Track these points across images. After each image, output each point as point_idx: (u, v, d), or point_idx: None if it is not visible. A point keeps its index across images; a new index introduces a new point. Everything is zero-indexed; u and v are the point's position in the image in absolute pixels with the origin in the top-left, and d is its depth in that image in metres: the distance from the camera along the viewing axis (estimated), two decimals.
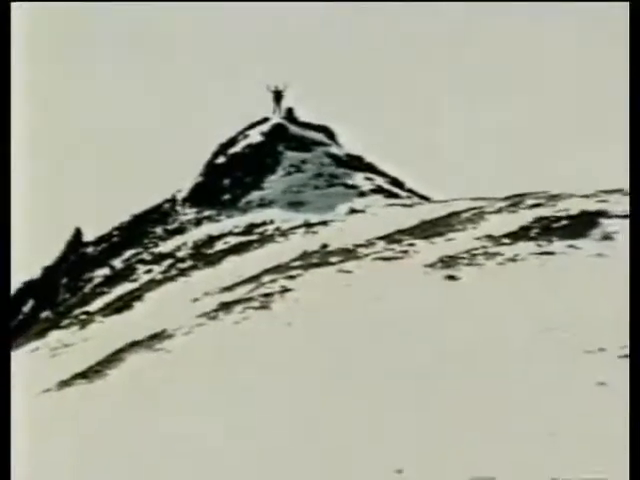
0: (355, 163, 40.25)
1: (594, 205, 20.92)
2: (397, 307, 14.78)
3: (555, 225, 19.37)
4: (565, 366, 10.68)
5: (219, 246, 31.57)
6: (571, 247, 17.74)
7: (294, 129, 42.00)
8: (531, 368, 10.75)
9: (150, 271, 31.09)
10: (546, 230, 19.11)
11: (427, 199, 37.73)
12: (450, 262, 17.41)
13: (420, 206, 32.04)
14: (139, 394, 12.44)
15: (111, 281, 32.34)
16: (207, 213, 37.09)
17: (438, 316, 13.85)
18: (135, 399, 12.22)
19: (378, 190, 37.07)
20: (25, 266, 34.98)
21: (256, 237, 31.49)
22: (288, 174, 38.59)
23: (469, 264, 17.15)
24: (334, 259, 20.04)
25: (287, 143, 40.84)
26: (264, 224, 33.79)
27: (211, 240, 33.22)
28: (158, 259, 32.83)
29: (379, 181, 38.40)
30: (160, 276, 28.59)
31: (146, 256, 34.12)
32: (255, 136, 41.77)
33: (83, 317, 24.89)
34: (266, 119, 42.94)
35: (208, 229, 35.02)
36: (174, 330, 16.25)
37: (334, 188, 37.20)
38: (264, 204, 36.31)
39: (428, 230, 21.85)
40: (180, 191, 40.37)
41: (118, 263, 35.18)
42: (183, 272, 26.95)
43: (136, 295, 24.68)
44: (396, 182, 39.73)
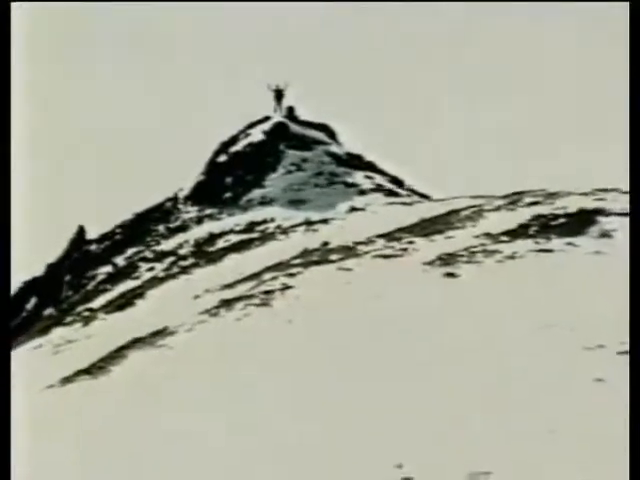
0: (355, 162, 40.24)
1: (592, 203, 20.91)
2: (397, 304, 14.75)
3: (553, 223, 19.35)
4: (564, 363, 10.65)
5: (220, 244, 31.56)
6: (569, 245, 17.71)
7: (295, 128, 41.98)
8: (530, 365, 10.73)
9: (152, 269, 31.08)
10: (544, 228, 19.08)
11: (427, 197, 37.72)
12: (449, 260, 17.39)
13: (420, 204, 32.01)
14: (142, 390, 12.42)
15: (114, 278, 32.33)
16: (209, 211, 37.08)
17: (437, 313, 13.82)
18: (138, 395, 12.20)
19: (378, 188, 37.06)
20: (25, 266, 34.91)
21: (257, 235, 31.47)
22: (289, 172, 38.57)
23: (468, 262, 17.13)
24: (334, 257, 20.02)
25: (288, 142, 40.81)
26: (265, 222, 33.77)
27: (212, 238, 33.20)
28: (160, 257, 32.81)
29: (379, 180, 38.40)
30: (162, 274, 28.57)
31: (148, 254, 34.11)
32: (256, 135, 41.76)
33: (86, 314, 24.86)
34: (267, 118, 42.92)
35: (209, 227, 35.01)
36: (176, 327, 16.23)
37: (334, 186, 37.19)
38: (265, 202, 36.30)
39: (427, 228, 21.82)
40: (182, 189, 40.36)
41: (121, 261, 35.18)
42: (185, 270, 26.93)
43: (138, 292, 24.67)
44: (396, 181, 39.72)
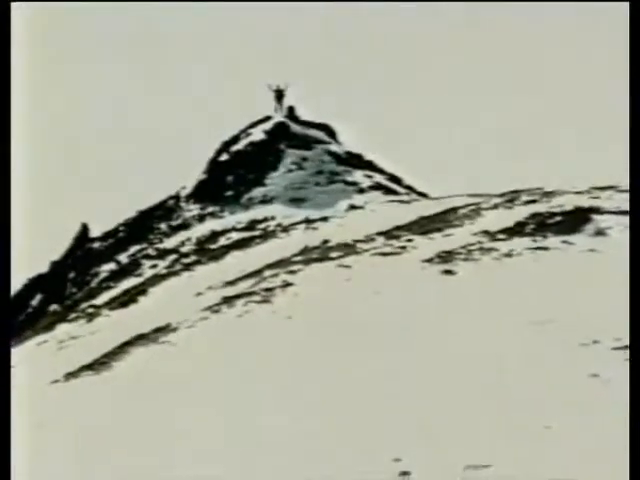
0: (355, 161, 40.23)
1: (587, 201, 20.96)
2: (395, 301, 14.79)
3: (550, 221, 19.38)
4: (560, 358, 10.69)
5: (222, 241, 31.59)
6: (565, 242, 17.75)
7: (295, 127, 41.96)
8: (526, 360, 10.76)
9: (155, 266, 31.11)
10: (541, 226, 19.11)
11: (425, 196, 37.71)
12: (447, 257, 17.43)
13: (418, 202, 32.03)
14: (144, 385, 12.46)
15: (117, 276, 32.35)
16: (210, 209, 37.08)
17: (435, 310, 13.86)
18: (140, 390, 12.24)
19: (377, 187, 37.06)
20: (25, 266, 34.83)
21: (258, 233, 31.50)
22: (289, 171, 38.57)
23: (466, 259, 17.17)
24: (334, 254, 20.05)
25: (288, 141, 40.79)
26: (266, 220, 33.80)
27: (214, 236, 33.23)
28: (163, 254, 32.84)
29: (378, 178, 38.39)
30: (165, 271, 28.60)
31: (151, 251, 34.13)
32: (257, 134, 41.73)
33: (90, 311, 24.90)
34: (268, 117, 42.91)
35: (211, 225, 35.03)
36: (178, 323, 16.27)
37: (334, 185, 37.19)
38: (266, 201, 36.30)
39: (426, 226, 21.86)
40: (184, 188, 40.36)
41: (124, 258, 35.19)
42: (187, 267, 26.96)
43: (141, 289, 24.70)
44: (395, 179, 39.72)
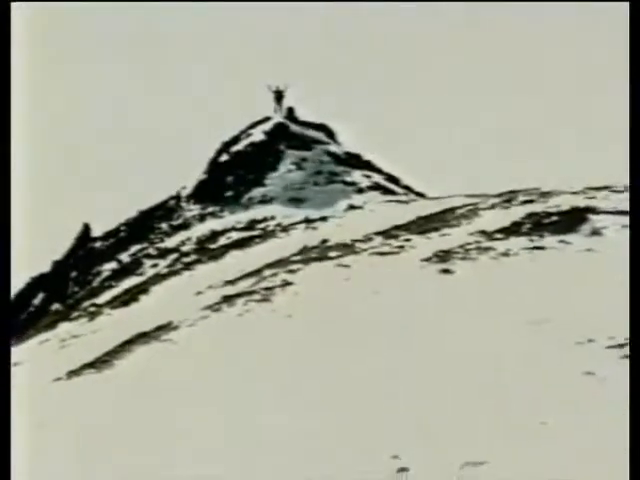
0: (353, 161, 40.23)
1: (583, 202, 20.98)
2: (394, 300, 14.80)
3: (546, 221, 19.39)
4: (556, 357, 10.71)
5: (222, 241, 31.58)
6: (562, 242, 17.76)
7: (295, 128, 41.94)
8: (523, 358, 10.78)
9: (156, 265, 31.11)
10: (538, 226, 19.12)
11: (423, 196, 37.71)
12: (445, 256, 17.44)
13: (416, 203, 32.04)
14: (146, 383, 12.47)
15: (118, 275, 32.34)
16: (211, 209, 37.07)
17: (433, 309, 13.87)
18: (142, 388, 12.24)
19: (375, 187, 37.06)
20: (25, 266, 34.72)
21: (258, 232, 31.50)
22: (289, 171, 38.56)
23: (463, 258, 17.18)
24: (333, 254, 20.06)
25: (288, 142, 40.77)
26: (266, 220, 33.80)
27: (214, 235, 33.22)
28: (163, 254, 32.83)
29: (377, 178, 38.40)
30: (165, 270, 28.60)
31: (152, 251, 34.12)
32: (257, 135, 41.72)
33: (92, 309, 24.90)
34: (268, 118, 42.91)
35: (212, 225, 35.01)
36: (179, 322, 16.28)
37: (333, 185, 37.19)
38: (266, 201, 36.29)
39: (424, 226, 21.86)
40: (185, 188, 40.35)
41: (125, 257, 35.18)
42: (188, 266, 26.96)
43: (142, 288, 24.70)
44: (393, 179, 39.72)
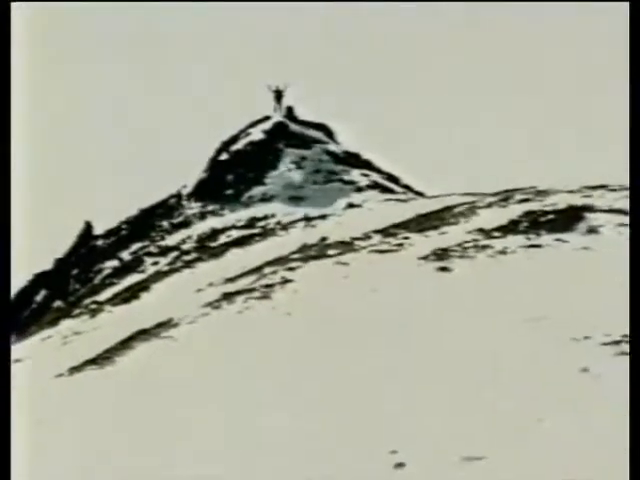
0: (352, 160, 40.27)
1: (580, 200, 21.01)
2: (392, 298, 14.81)
3: (543, 219, 19.41)
4: (552, 353, 10.72)
5: (222, 239, 31.62)
6: (558, 240, 17.78)
7: (294, 127, 42.01)
8: (520, 355, 10.79)
9: (157, 263, 31.15)
10: (534, 224, 19.14)
11: (421, 195, 37.76)
12: (443, 255, 17.44)
13: (414, 201, 32.07)
14: (147, 380, 12.48)
15: (120, 272, 32.39)
16: (211, 207, 37.12)
17: (431, 306, 13.88)
18: (143, 384, 12.26)
19: (374, 186, 37.12)
20: (25, 266, 34.70)
21: (258, 230, 31.53)
22: (288, 170, 38.61)
23: (461, 256, 17.18)
24: (332, 252, 20.06)
25: (287, 141, 40.84)
26: (265, 218, 33.84)
27: (215, 233, 33.27)
28: (164, 251, 32.87)
29: (375, 177, 38.45)
30: (166, 268, 28.62)
31: (153, 249, 34.16)
32: (257, 134, 41.78)
33: (93, 307, 24.91)
34: (267, 117, 42.94)
35: (212, 223, 35.07)
36: (180, 319, 16.29)
37: (332, 184, 37.25)
38: (265, 199, 36.35)
39: (422, 224, 21.87)
40: (185, 186, 40.39)
41: (126, 255, 35.22)
42: (188, 264, 26.98)
43: (143, 286, 24.71)
44: (392, 178, 39.77)
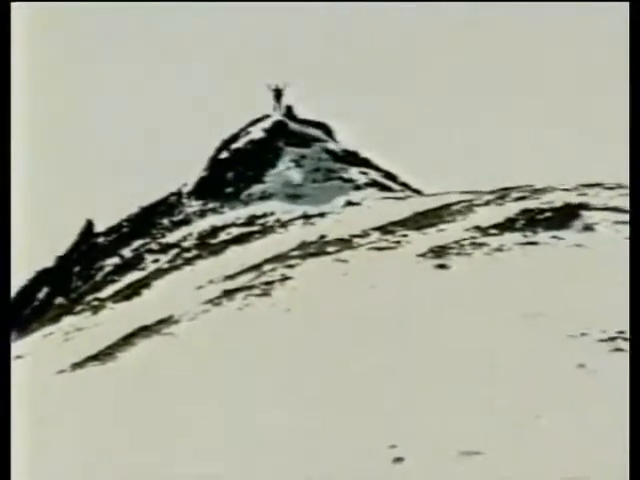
0: (351, 158, 40.28)
1: (576, 198, 21.04)
2: (390, 294, 14.82)
3: (540, 217, 19.43)
4: (549, 350, 10.73)
5: (222, 236, 31.62)
6: (554, 238, 17.80)
7: (293, 126, 42.00)
8: (517, 352, 10.81)
9: (157, 260, 31.14)
10: (531, 222, 19.16)
11: (419, 192, 37.77)
12: (440, 252, 17.46)
13: (412, 199, 32.08)
14: (148, 375, 12.49)
15: (121, 270, 32.40)
16: (211, 205, 37.12)
17: (429, 303, 13.89)
18: (144, 380, 12.27)
19: (373, 184, 37.13)
20: (25, 266, 34.63)
21: (257, 228, 31.53)
22: (288, 168, 38.61)
23: (458, 254, 17.20)
24: (331, 249, 20.08)
25: (287, 139, 40.83)
26: (265, 216, 33.84)
27: (215, 231, 33.26)
28: (165, 249, 32.87)
29: (374, 175, 38.46)
30: (167, 265, 28.62)
31: (154, 246, 34.16)
32: (256, 132, 41.77)
33: (95, 303, 24.93)
34: (267, 116, 42.94)
35: (212, 220, 35.07)
36: (180, 316, 16.31)
37: (331, 182, 37.25)
38: (265, 197, 36.35)
39: (420, 222, 21.89)
40: (186, 184, 40.39)
41: (127, 253, 35.23)
42: (188, 261, 26.99)
43: (144, 283, 24.72)
44: (390, 176, 39.78)
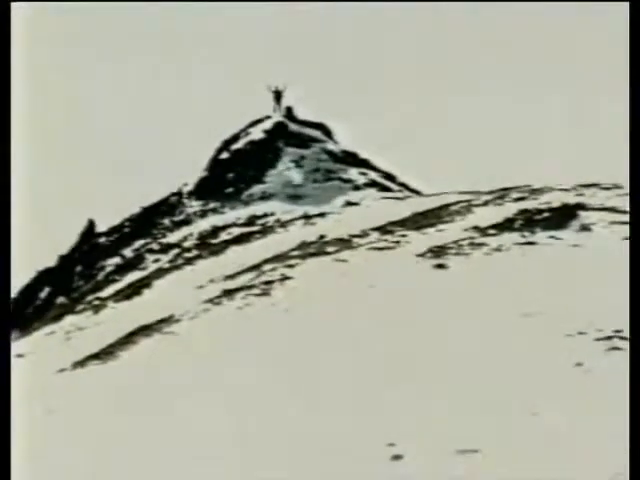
0: (350, 159, 40.28)
1: (573, 198, 21.06)
2: (390, 294, 14.82)
3: (538, 217, 19.43)
4: (547, 348, 10.73)
5: (223, 236, 31.61)
6: (552, 238, 17.80)
7: (293, 127, 41.98)
8: (515, 350, 10.80)
9: (158, 260, 31.14)
10: (529, 222, 19.16)
11: (418, 193, 37.76)
12: (439, 252, 17.45)
13: (411, 199, 32.09)
14: (148, 374, 12.48)
15: (122, 269, 32.39)
16: (212, 205, 37.10)
17: (428, 302, 13.89)
18: (144, 378, 12.26)
19: (372, 184, 37.13)
20: (25, 266, 34.56)
21: (258, 228, 31.53)
22: (288, 169, 38.61)
23: (457, 254, 17.20)
24: (331, 249, 20.07)
25: (287, 140, 40.82)
26: (265, 216, 33.85)
27: (215, 231, 33.26)
28: (166, 249, 32.86)
29: (373, 176, 38.46)
30: (168, 265, 28.62)
31: (155, 246, 34.16)
32: (257, 133, 41.75)
33: (96, 303, 24.92)
34: (267, 117, 42.94)
35: (213, 220, 35.07)
36: (181, 315, 16.30)
37: (331, 182, 37.25)
38: (265, 197, 36.35)
39: (419, 222, 21.89)
40: (186, 185, 40.38)
41: (128, 252, 35.22)
42: (189, 261, 26.98)
43: (145, 282, 24.71)
44: (389, 177, 39.78)
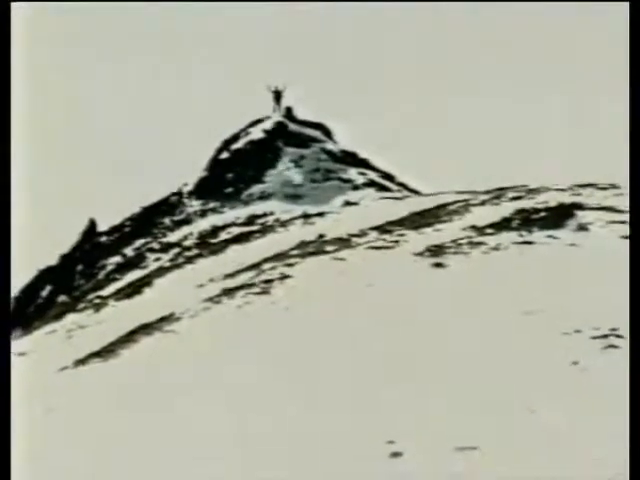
0: (350, 159, 40.29)
1: (570, 198, 21.07)
2: (388, 293, 14.83)
3: (535, 216, 19.44)
4: (544, 347, 10.75)
5: (223, 236, 31.63)
6: (549, 237, 17.81)
7: (293, 127, 41.97)
8: (512, 349, 10.82)
9: (159, 259, 31.15)
10: (527, 221, 19.17)
11: (416, 192, 37.78)
12: (437, 251, 17.47)
13: (410, 199, 32.10)
14: (149, 372, 12.50)
15: (123, 268, 32.40)
16: (212, 205, 37.11)
17: (426, 301, 13.91)
18: (145, 376, 12.28)
19: (371, 184, 37.15)
20: (25, 266, 34.51)
21: (257, 227, 31.54)
22: (287, 169, 38.62)
23: (455, 253, 17.21)
24: (330, 248, 20.09)
25: (286, 140, 40.82)
26: (265, 215, 33.86)
27: (215, 230, 33.28)
28: (166, 248, 32.88)
29: (372, 176, 38.47)
30: (168, 264, 28.62)
31: (155, 245, 34.18)
32: (256, 133, 41.75)
33: (97, 301, 24.91)
34: (267, 117, 42.94)
35: (212, 220, 35.08)
36: (181, 313, 16.31)
37: (330, 182, 37.27)
38: (265, 197, 36.36)
39: (417, 221, 21.90)
40: (186, 184, 40.38)
41: (129, 251, 35.23)
42: (189, 260, 26.98)
43: (146, 281, 24.71)
44: (388, 176, 39.79)
